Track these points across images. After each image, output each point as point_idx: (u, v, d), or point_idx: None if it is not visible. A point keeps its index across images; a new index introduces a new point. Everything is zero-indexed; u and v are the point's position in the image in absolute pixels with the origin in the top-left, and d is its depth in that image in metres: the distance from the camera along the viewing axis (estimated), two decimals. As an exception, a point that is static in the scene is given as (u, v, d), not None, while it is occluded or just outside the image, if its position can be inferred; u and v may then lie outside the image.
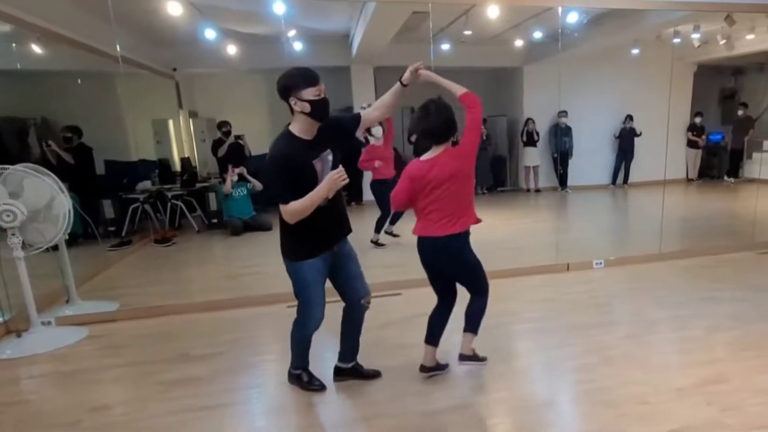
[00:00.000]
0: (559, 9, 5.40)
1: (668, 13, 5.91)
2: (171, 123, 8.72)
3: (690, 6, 5.05)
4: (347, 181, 2.37)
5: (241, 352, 3.34)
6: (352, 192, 9.27)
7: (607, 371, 2.88)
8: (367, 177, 9.27)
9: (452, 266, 2.74)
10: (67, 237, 3.85)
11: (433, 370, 2.86)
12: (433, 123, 2.56)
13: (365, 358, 3.14)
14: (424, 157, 2.61)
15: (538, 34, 7.60)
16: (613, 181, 10.13)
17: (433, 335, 2.84)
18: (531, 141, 9.61)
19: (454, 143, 2.63)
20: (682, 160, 10.24)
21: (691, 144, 10.21)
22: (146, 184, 7.28)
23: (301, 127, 2.41)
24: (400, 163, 7.81)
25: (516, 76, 9.96)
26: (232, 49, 7.35)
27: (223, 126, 7.55)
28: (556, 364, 3.04)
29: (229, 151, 7.47)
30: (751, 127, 9.63)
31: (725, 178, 10.08)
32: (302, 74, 2.38)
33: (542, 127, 9.78)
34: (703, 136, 10.22)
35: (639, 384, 2.72)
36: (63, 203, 3.62)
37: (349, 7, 6.71)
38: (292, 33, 7.13)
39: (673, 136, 9.92)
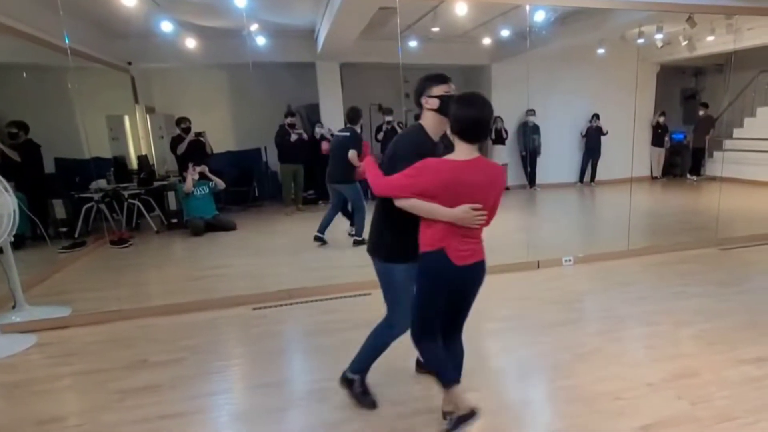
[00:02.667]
0: (527, 7, 5.47)
1: (632, 13, 6.06)
2: (127, 119, 8.43)
3: (652, 6, 5.19)
4: (481, 223, 2.13)
5: (204, 358, 3.23)
6: (321, 192, 9.18)
7: (580, 368, 2.92)
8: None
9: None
10: (12, 239, 3.65)
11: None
12: (487, 115, 2.15)
13: (333, 362, 3.10)
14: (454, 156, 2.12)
15: (506, 32, 7.70)
16: (581, 179, 10.37)
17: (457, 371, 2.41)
18: (499, 139, 9.73)
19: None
20: (646, 158, 10.57)
21: (655, 143, 10.54)
22: (101, 183, 7.00)
23: (430, 126, 2.30)
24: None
25: (484, 74, 10.07)
26: (191, 43, 7.15)
27: (183, 122, 7.35)
28: (529, 362, 3.07)
29: (189, 149, 7.28)
30: (712, 126, 10.02)
31: (688, 176, 10.46)
32: (433, 74, 2.32)
33: (511, 125, 9.91)
34: (667, 136, 10.58)
35: (611, 380, 2.76)
36: (8, 203, 3.44)
37: (313, 2, 6.63)
38: (254, 27, 7.00)
39: (640, 135, 10.26)
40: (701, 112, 10.10)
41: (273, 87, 9.14)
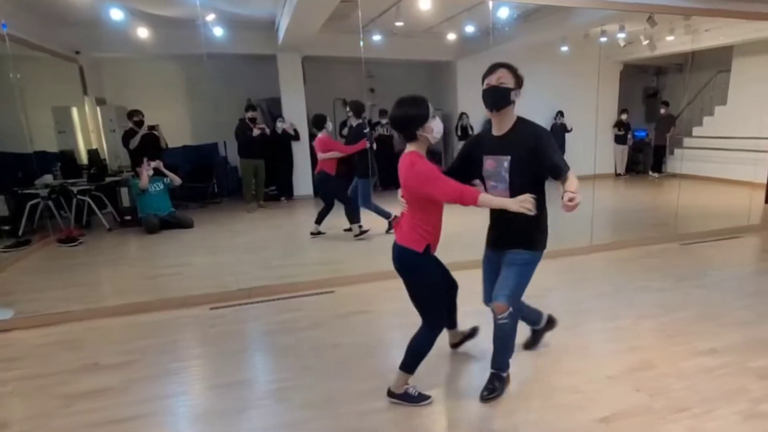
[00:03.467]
0: (490, 3, 5.56)
1: (594, 12, 6.24)
2: (75, 111, 8.15)
3: (611, 5, 5.35)
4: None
5: (159, 359, 3.17)
6: (282, 187, 9.12)
7: (542, 362, 3.00)
8: (302, 172, 9.19)
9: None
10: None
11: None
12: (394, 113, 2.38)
13: (294, 361, 3.11)
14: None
15: (470, 29, 7.81)
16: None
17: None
18: (466, 136, 9.86)
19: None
20: (610, 155, 10.90)
21: (618, 140, 10.90)
22: (47, 179, 6.76)
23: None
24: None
25: (450, 70, 10.18)
26: (142, 32, 6.96)
27: (135, 115, 7.16)
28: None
29: (143, 143, 7.10)
30: (672, 124, 10.44)
31: (650, 173, 10.87)
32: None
33: (477, 121, 10.05)
34: (630, 134, 10.95)
35: (572, 374, 2.85)
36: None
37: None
38: (210, 17, 6.88)
39: (603, 132, 10.59)
40: (662, 111, 10.51)
41: (232, 79, 9.01)
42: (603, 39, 8.04)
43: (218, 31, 7.17)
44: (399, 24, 7.37)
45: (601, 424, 2.38)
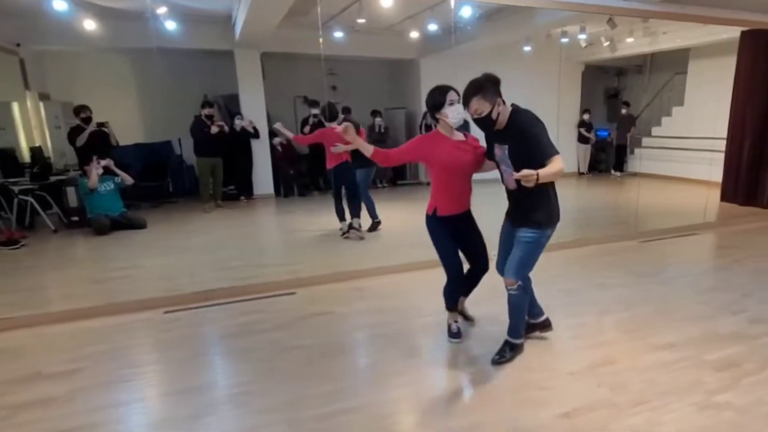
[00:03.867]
0: (452, 2, 5.63)
1: (556, 12, 6.39)
2: (16, 106, 7.81)
3: (572, 7, 5.49)
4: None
5: (109, 366, 3.07)
6: (242, 187, 8.97)
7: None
8: (263, 171, 9.08)
9: None
10: None
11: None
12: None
13: (255, 364, 3.07)
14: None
15: (433, 27, 7.89)
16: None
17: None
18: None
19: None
20: (573, 154, 11.19)
21: (581, 139, 11.20)
22: (-16, 178, 6.47)
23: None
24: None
25: (413, 68, 10.25)
26: (89, 24, 6.72)
27: (82, 111, 6.91)
28: (457, 356, 3.17)
29: (91, 141, 6.87)
30: (633, 124, 10.82)
31: (612, 172, 11.23)
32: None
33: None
34: (592, 133, 11.27)
35: (536, 370, 2.92)
36: None
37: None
38: (161, 10, 6.71)
39: (566, 132, 10.87)
40: (623, 111, 10.87)
41: (187, 75, 8.83)
42: (564, 40, 8.27)
43: (170, 25, 7.01)
44: (361, 21, 7.36)
45: (563, 419, 2.44)
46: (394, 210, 7.51)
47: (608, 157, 11.70)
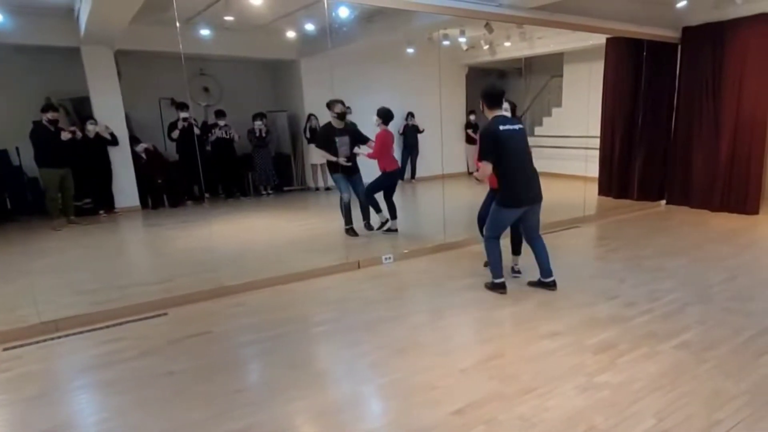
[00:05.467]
0: (326, 2, 5.68)
1: (435, 15, 6.67)
2: None
3: (444, 10, 5.77)
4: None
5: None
6: (100, 200, 8.30)
7: (399, 363, 3.11)
8: (124, 181, 8.49)
9: None
10: None
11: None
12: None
13: (120, 396, 2.86)
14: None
15: (310, 27, 7.91)
16: (401, 177, 11.08)
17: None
18: (314, 138, 9.91)
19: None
20: (461, 155, 11.73)
21: (469, 140, 11.77)
22: None
23: None
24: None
25: (293, 69, 10.19)
26: None
27: None
28: (350, 363, 3.19)
29: None
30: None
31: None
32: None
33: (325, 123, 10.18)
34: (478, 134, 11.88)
35: (428, 371, 2.99)
36: None
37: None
38: None
39: (454, 133, 11.39)
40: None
41: (24, 75, 8.05)
42: (446, 42, 8.67)
43: (-1, 17, 6.34)
44: (228, 18, 7.18)
45: (455, 416, 2.52)
46: (276, 219, 7.34)
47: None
